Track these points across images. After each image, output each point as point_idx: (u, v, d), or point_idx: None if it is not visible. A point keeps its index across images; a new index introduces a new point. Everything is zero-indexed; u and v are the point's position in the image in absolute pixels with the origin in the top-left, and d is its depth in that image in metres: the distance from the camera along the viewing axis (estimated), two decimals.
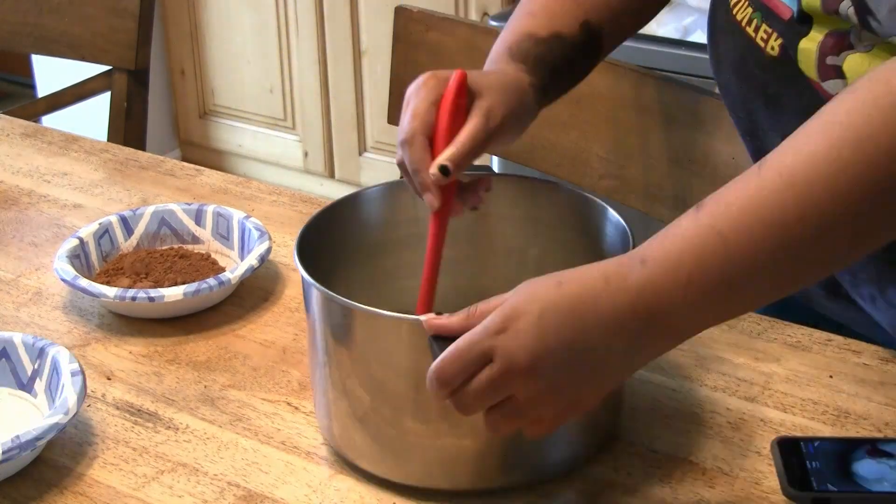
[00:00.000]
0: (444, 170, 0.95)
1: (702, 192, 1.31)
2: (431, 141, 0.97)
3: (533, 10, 1.09)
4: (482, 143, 0.97)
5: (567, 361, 0.81)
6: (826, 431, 0.98)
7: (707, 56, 1.19)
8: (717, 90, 1.55)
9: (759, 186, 0.79)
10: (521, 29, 1.07)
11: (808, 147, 0.79)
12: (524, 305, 0.81)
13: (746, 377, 1.05)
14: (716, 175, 1.29)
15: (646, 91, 1.35)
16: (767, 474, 0.94)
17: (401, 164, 0.99)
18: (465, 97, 0.97)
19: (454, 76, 0.97)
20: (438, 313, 0.86)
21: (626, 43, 1.17)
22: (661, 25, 2.24)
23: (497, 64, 1.05)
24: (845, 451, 0.92)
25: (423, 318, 0.85)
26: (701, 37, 2.24)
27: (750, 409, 1.01)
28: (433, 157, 0.96)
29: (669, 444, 0.97)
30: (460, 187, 1.00)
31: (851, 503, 0.88)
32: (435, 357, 0.83)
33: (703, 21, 2.26)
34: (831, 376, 1.05)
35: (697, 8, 2.27)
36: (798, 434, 0.98)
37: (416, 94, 0.98)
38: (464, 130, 0.97)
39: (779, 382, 1.04)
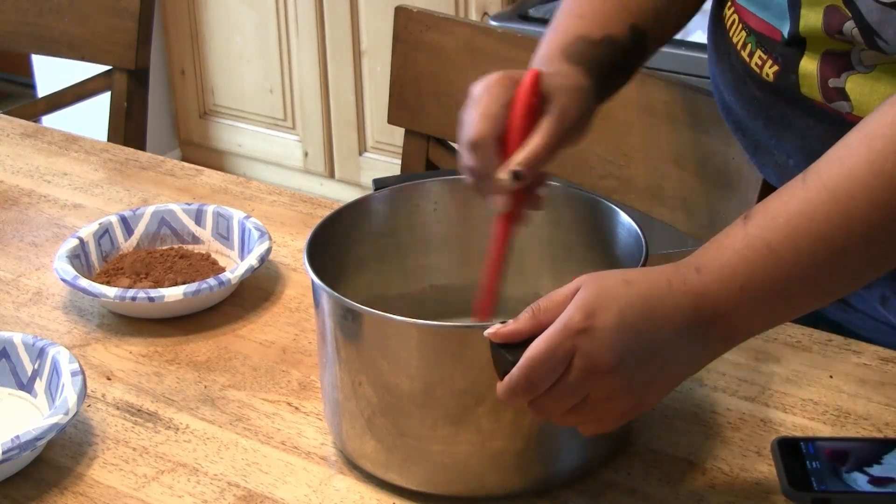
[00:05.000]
0: (517, 175, 0.92)
1: (702, 192, 1.31)
2: (500, 142, 0.93)
3: (582, 12, 1.05)
4: (555, 146, 0.94)
5: (643, 360, 0.82)
6: (826, 431, 0.98)
7: (707, 56, 1.19)
8: None
9: (803, 199, 0.81)
10: (573, 31, 1.03)
11: (850, 159, 0.80)
12: (599, 302, 0.81)
13: (746, 377, 1.05)
14: (716, 175, 1.29)
15: (646, 91, 1.35)
16: (767, 474, 0.94)
17: (467, 168, 0.95)
18: (539, 97, 0.94)
19: (529, 75, 0.94)
20: (501, 321, 0.84)
21: None
22: None
23: (552, 65, 1.01)
24: (845, 451, 0.92)
25: (486, 332, 0.83)
26: (701, 37, 2.23)
27: (750, 409, 1.01)
28: (503, 158, 0.93)
29: (669, 444, 0.97)
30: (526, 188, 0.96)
31: (851, 503, 0.88)
32: (507, 364, 0.82)
33: (704, 21, 2.26)
34: (831, 376, 1.05)
35: None
36: (798, 434, 0.98)
37: (487, 92, 0.94)
38: (537, 133, 0.93)
39: (779, 382, 1.04)
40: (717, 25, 1.12)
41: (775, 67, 1.00)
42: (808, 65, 0.97)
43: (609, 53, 1.04)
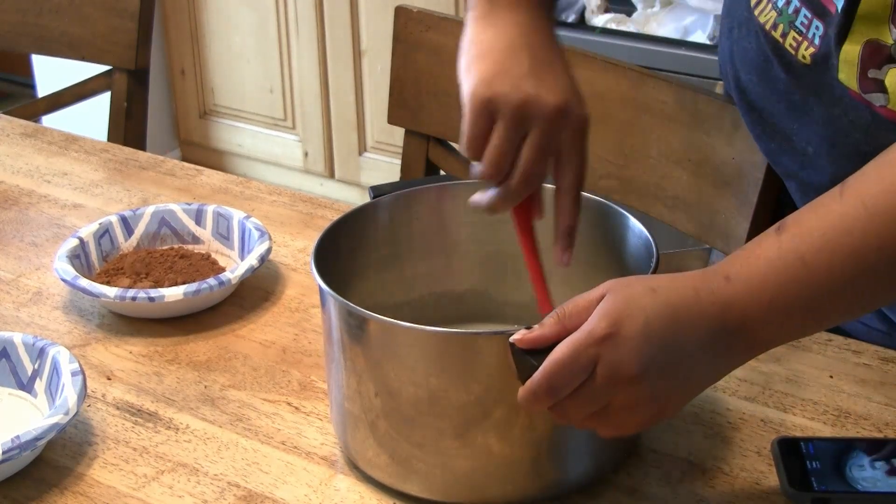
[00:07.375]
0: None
1: (702, 192, 1.31)
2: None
3: None
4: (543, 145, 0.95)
5: (667, 370, 0.81)
6: (826, 431, 0.98)
7: (707, 56, 1.18)
8: (717, 90, 1.55)
9: (841, 214, 0.81)
10: None
11: (891, 177, 0.80)
12: (625, 310, 0.80)
13: (746, 377, 1.05)
14: (716, 175, 1.29)
15: (646, 91, 1.35)
16: (767, 474, 0.94)
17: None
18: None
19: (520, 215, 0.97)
20: (526, 326, 0.84)
21: (627, 43, 1.17)
22: (661, 25, 2.23)
23: (507, 12, 0.99)
24: (845, 451, 0.92)
25: (511, 337, 0.83)
26: (701, 37, 2.24)
27: (750, 409, 1.01)
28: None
29: (669, 444, 0.97)
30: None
31: (851, 503, 0.88)
32: (530, 369, 0.81)
33: (704, 21, 2.26)
34: (831, 376, 1.05)
35: (697, 8, 2.26)
36: (798, 434, 0.98)
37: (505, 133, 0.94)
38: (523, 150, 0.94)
39: (779, 382, 1.04)
40: (737, 4, 1.10)
41: (811, 49, 0.98)
42: (850, 51, 0.95)
43: None
